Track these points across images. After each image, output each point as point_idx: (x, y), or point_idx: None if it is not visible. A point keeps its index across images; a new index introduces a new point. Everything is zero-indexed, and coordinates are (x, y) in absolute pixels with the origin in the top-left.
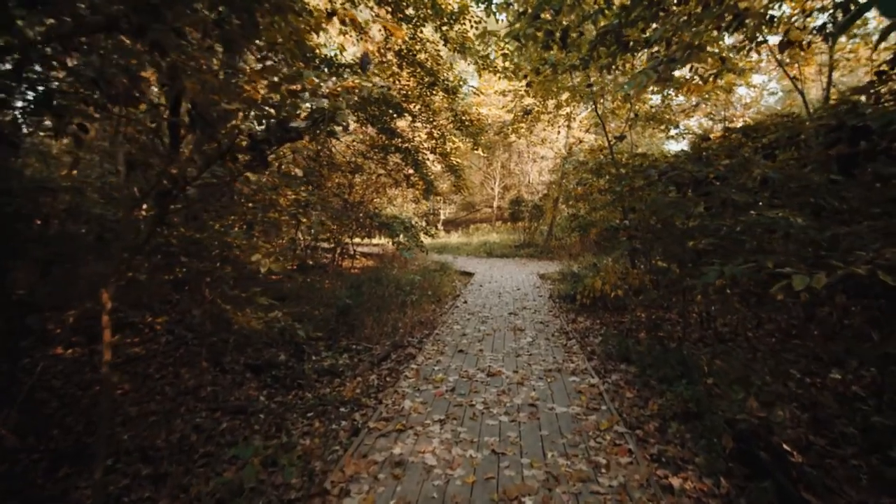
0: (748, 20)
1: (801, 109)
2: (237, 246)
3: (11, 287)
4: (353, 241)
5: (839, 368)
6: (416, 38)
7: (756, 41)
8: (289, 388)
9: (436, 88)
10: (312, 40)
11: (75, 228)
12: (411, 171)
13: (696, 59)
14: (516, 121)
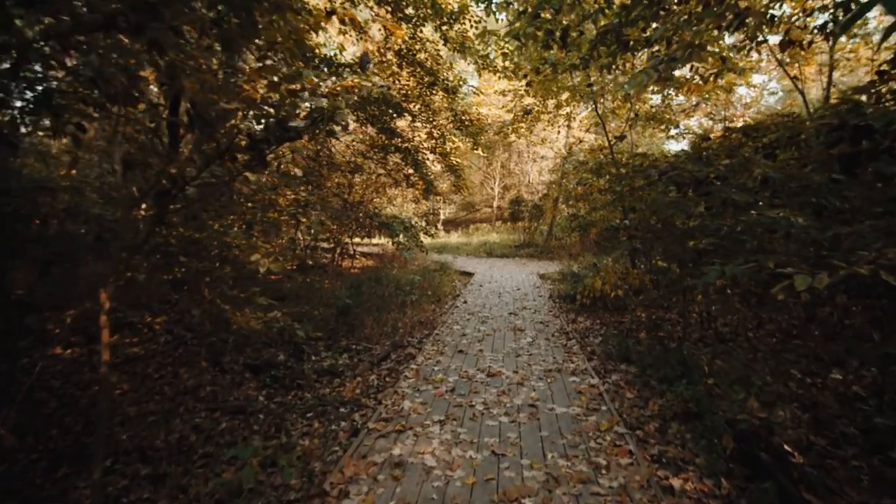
0: (749, 19)
1: (801, 109)
2: (236, 246)
3: (10, 287)
4: (352, 240)
5: (840, 368)
6: (415, 38)
7: (757, 40)
8: (288, 389)
9: (436, 88)
10: (312, 40)
11: (74, 228)
12: (411, 170)
13: (696, 59)
14: (516, 120)
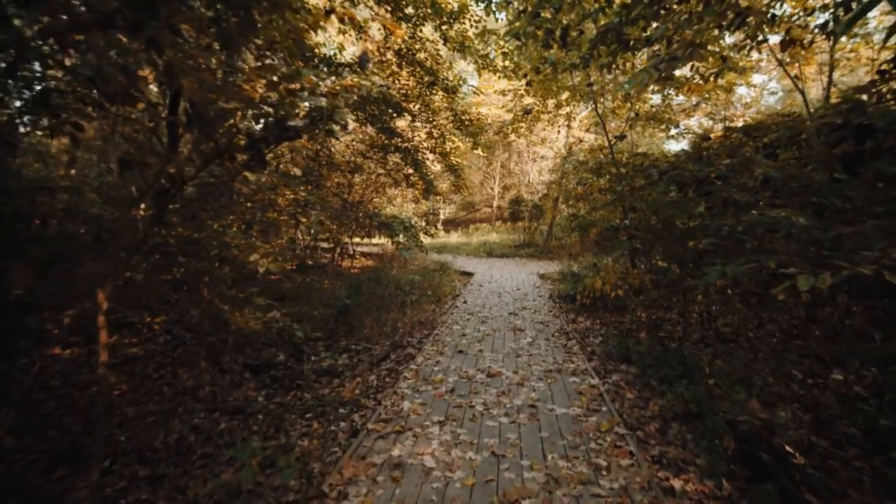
0: (750, 18)
1: (801, 109)
2: (235, 246)
3: (9, 287)
4: (352, 240)
5: (841, 369)
6: (415, 38)
7: (757, 40)
8: (287, 389)
9: (435, 88)
10: (311, 39)
11: (74, 228)
12: (411, 170)
13: (697, 58)
14: (516, 120)
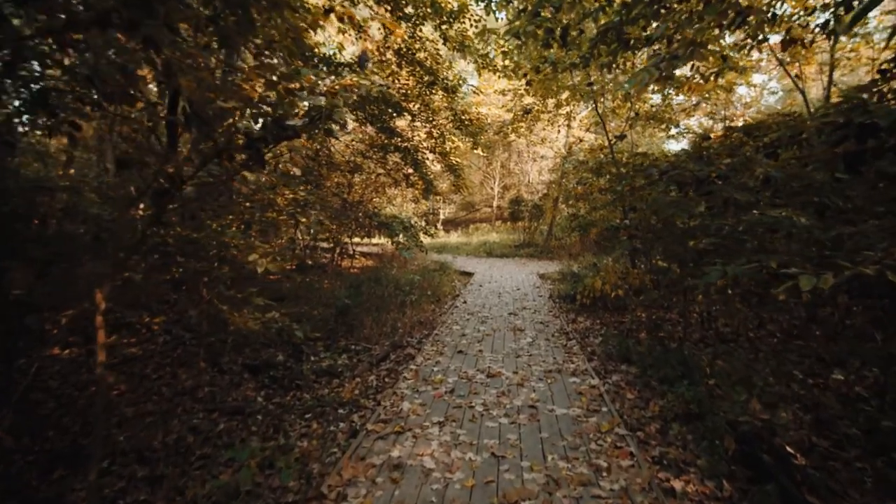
0: (750, 18)
1: (801, 109)
2: (234, 246)
3: (9, 287)
4: (352, 240)
5: (841, 369)
6: (415, 37)
7: (758, 39)
8: (287, 389)
9: (435, 87)
10: (311, 39)
11: (73, 228)
12: (411, 170)
13: (698, 57)
14: (516, 120)
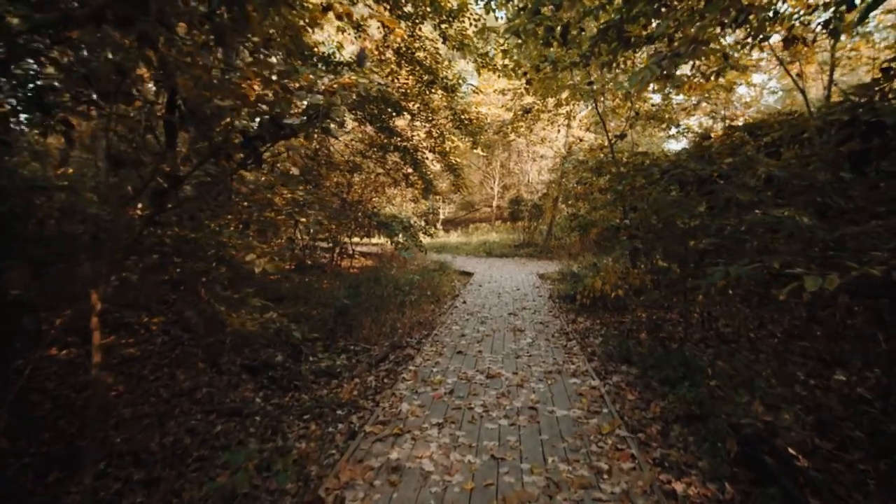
0: (751, 16)
1: (801, 109)
2: (232, 246)
3: (6, 287)
4: (351, 240)
5: (843, 370)
6: (414, 36)
7: (760, 37)
8: (285, 390)
9: (435, 87)
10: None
11: (72, 228)
12: (410, 170)
13: (700, 55)
14: (516, 119)
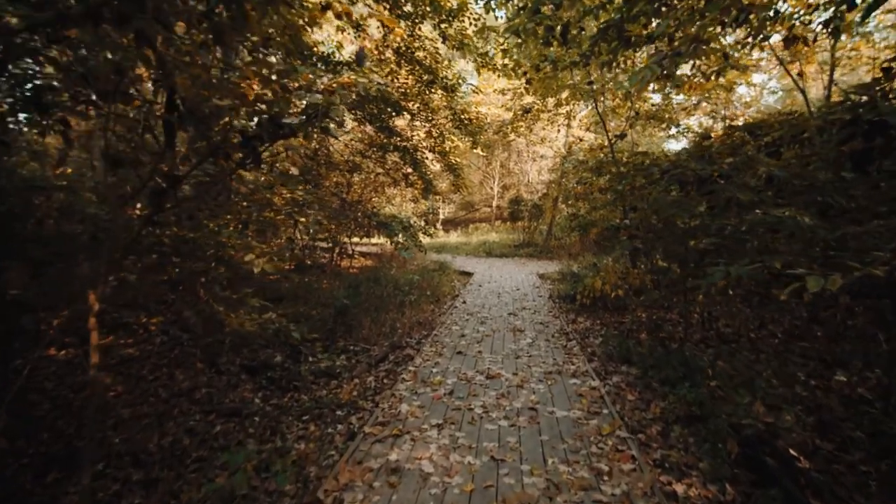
0: (752, 15)
1: (801, 109)
2: (231, 246)
3: (5, 287)
4: (351, 240)
5: (843, 370)
6: (414, 36)
7: (760, 37)
8: (285, 390)
9: (434, 86)
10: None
11: (70, 228)
12: (410, 169)
13: (701, 54)
14: (516, 119)
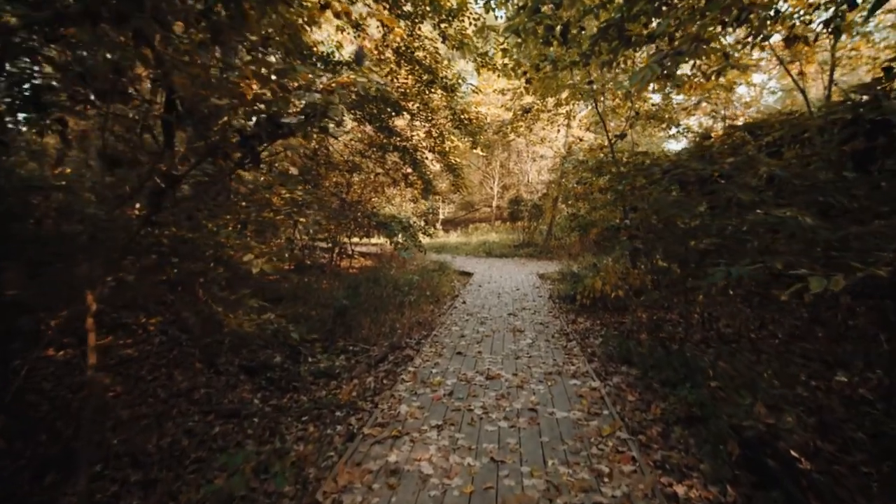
0: (752, 15)
1: (801, 109)
2: (230, 246)
3: (3, 288)
4: (350, 240)
5: (844, 371)
6: (414, 35)
7: (761, 37)
8: (284, 391)
9: (434, 86)
10: (309, 38)
11: (70, 228)
12: (410, 170)
13: (702, 53)
14: (515, 119)
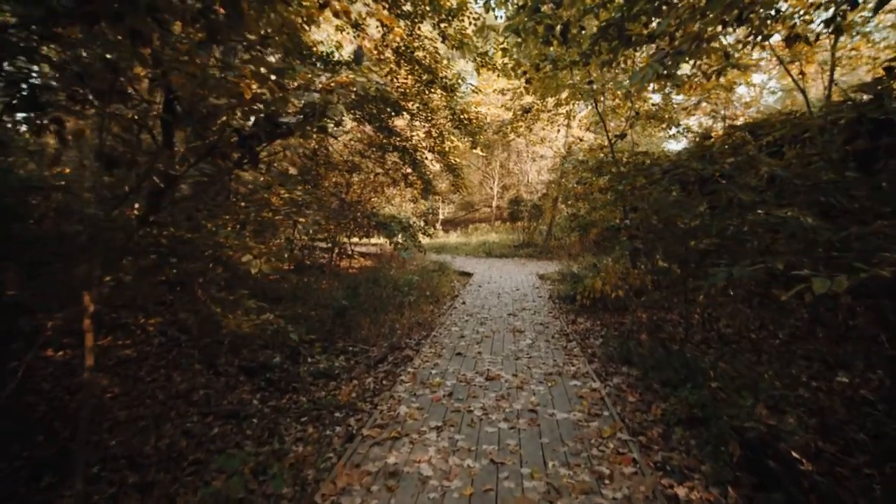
0: (753, 14)
1: (801, 109)
2: (229, 246)
3: (2, 288)
4: (350, 241)
5: (845, 371)
6: (413, 35)
7: (761, 36)
8: (283, 392)
9: (434, 86)
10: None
11: (69, 228)
12: (409, 170)
13: (702, 53)
14: (515, 119)
